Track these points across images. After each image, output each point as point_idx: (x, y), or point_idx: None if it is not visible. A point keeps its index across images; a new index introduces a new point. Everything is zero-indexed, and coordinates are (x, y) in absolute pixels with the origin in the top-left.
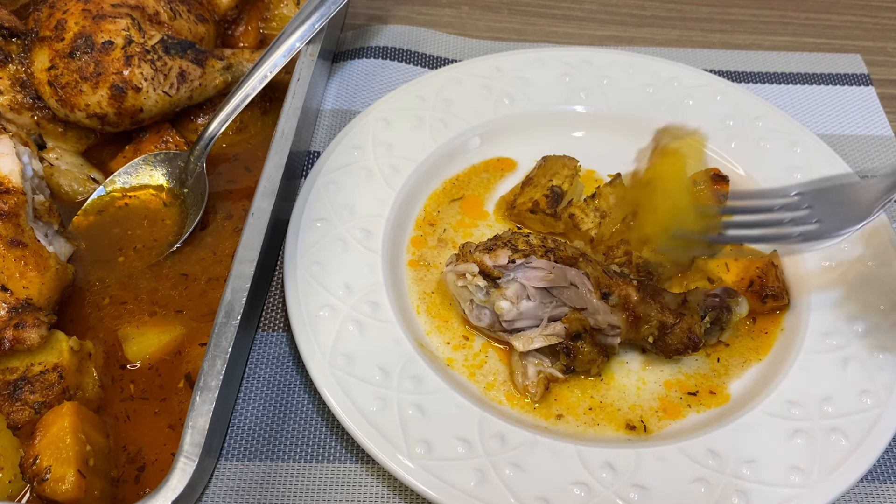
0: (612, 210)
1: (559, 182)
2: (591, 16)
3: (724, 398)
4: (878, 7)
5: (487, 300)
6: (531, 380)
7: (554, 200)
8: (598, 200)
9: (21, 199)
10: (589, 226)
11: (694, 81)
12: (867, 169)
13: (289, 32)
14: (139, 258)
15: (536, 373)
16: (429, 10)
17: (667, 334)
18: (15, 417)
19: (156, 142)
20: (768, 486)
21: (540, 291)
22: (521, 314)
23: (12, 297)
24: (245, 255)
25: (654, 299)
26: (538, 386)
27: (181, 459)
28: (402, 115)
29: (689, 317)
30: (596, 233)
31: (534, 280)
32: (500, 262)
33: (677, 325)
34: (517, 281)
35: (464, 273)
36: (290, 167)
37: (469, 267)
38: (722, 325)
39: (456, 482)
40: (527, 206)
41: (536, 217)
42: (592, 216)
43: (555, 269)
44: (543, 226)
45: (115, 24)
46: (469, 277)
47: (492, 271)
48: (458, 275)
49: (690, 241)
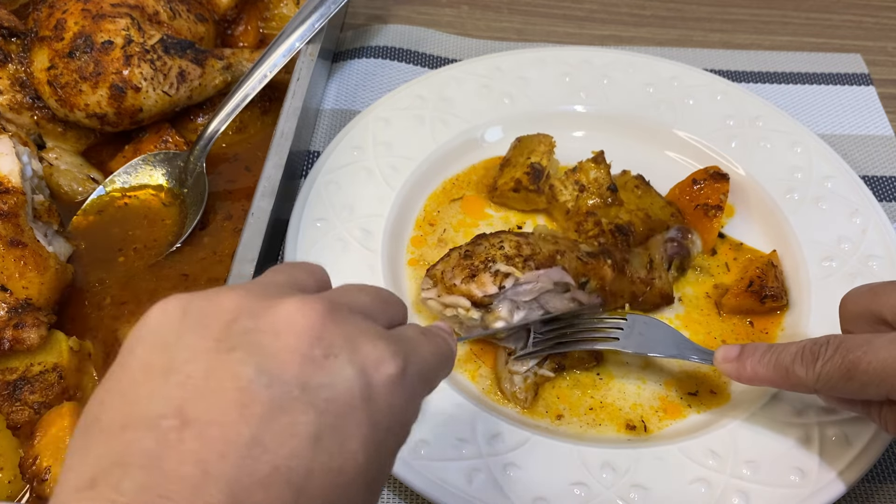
0: (591, 184)
1: (537, 159)
2: (592, 15)
3: (725, 398)
4: (878, 7)
5: (480, 324)
6: (518, 385)
7: (535, 177)
8: (578, 174)
9: (20, 199)
10: (567, 198)
11: (694, 81)
12: (867, 169)
13: (288, 32)
14: (139, 258)
15: (523, 378)
16: (429, 10)
17: (640, 300)
18: (14, 418)
19: (155, 141)
20: (768, 486)
21: (528, 302)
22: (513, 325)
23: (12, 297)
24: (245, 255)
25: (624, 272)
26: (527, 391)
27: None
28: (401, 115)
29: (657, 279)
30: (573, 205)
31: (523, 295)
32: (490, 291)
33: (648, 293)
34: (507, 299)
35: (453, 306)
36: (290, 167)
37: (459, 301)
38: (684, 268)
39: (456, 482)
40: (509, 185)
41: (519, 195)
42: (571, 188)
43: (540, 277)
44: (526, 203)
45: (114, 23)
46: (462, 312)
47: (483, 301)
48: (446, 306)
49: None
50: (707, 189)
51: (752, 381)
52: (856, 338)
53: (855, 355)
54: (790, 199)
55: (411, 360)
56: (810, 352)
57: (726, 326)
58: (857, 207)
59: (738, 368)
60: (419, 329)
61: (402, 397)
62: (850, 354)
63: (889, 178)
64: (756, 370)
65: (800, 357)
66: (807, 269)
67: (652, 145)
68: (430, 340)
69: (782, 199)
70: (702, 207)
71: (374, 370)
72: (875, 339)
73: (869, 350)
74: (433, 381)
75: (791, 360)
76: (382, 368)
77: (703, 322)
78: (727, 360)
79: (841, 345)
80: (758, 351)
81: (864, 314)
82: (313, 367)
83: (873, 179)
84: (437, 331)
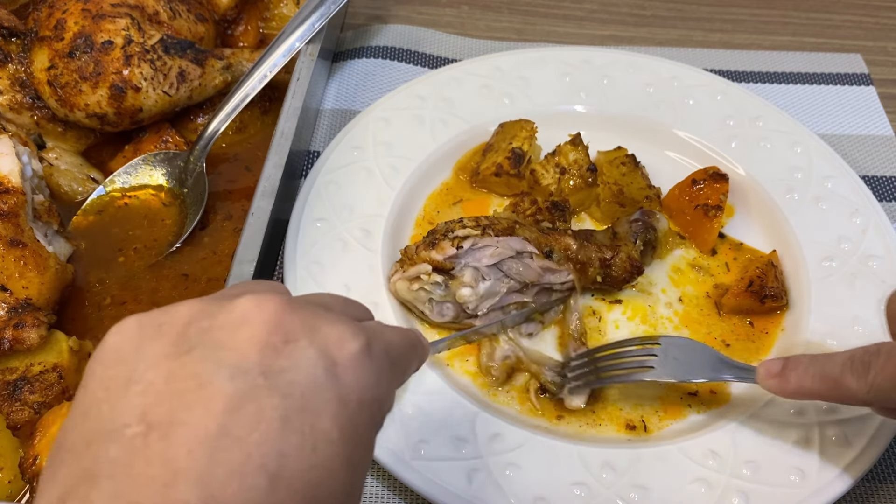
0: (571, 166)
1: (518, 144)
2: (592, 15)
3: (725, 398)
4: (878, 7)
5: (447, 294)
6: (496, 362)
7: (516, 161)
8: (558, 157)
9: (20, 199)
10: (549, 181)
11: (694, 81)
12: (867, 169)
13: (288, 32)
14: (139, 258)
15: (503, 357)
16: (429, 10)
17: (610, 267)
18: (14, 417)
19: (155, 141)
20: (768, 486)
21: (492, 269)
22: (482, 296)
23: (12, 297)
24: (245, 255)
25: (590, 241)
26: (500, 370)
27: None
28: (401, 115)
29: (623, 246)
30: (555, 188)
31: (484, 259)
32: (449, 253)
33: (617, 257)
34: (469, 266)
35: (417, 275)
36: (290, 167)
37: (422, 268)
38: (653, 245)
39: (456, 482)
40: (491, 170)
41: (501, 180)
42: (553, 171)
43: (499, 242)
44: (508, 188)
45: (114, 23)
46: (425, 278)
47: (444, 264)
48: (411, 279)
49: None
50: (707, 189)
51: (797, 396)
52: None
53: None
54: (790, 199)
55: (376, 339)
56: (861, 362)
57: (726, 326)
58: (857, 207)
59: (782, 384)
60: (383, 323)
61: (370, 372)
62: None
63: (889, 178)
64: (802, 383)
65: (849, 367)
66: (807, 269)
67: (652, 145)
68: (393, 328)
69: (782, 199)
70: (702, 207)
71: (337, 349)
72: None
73: None
74: (402, 365)
75: (840, 371)
76: (346, 346)
77: (703, 322)
78: (770, 375)
79: (893, 353)
80: (801, 363)
81: None
82: (274, 353)
83: (873, 179)
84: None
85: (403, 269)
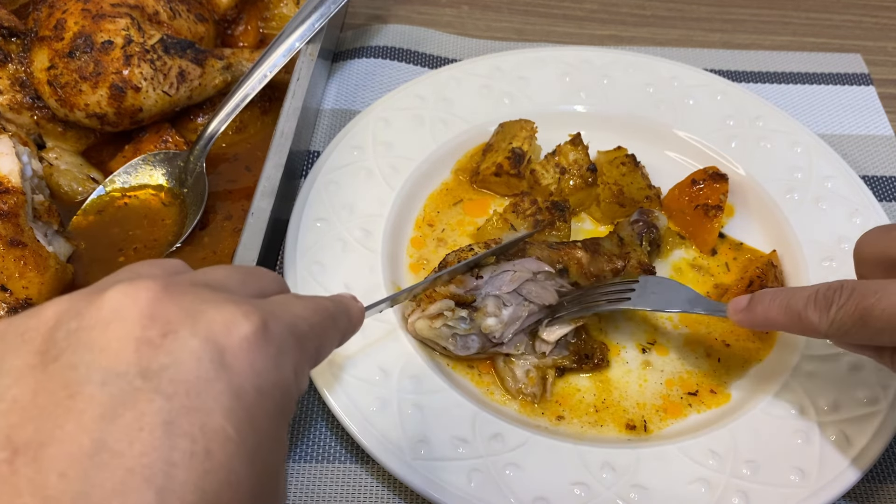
0: (571, 166)
1: (518, 144)
2: (592, 15)
3: (725, 398)
4: (878, 7)
5: (472, 326)
6: (523, 381)
7: (516, 161)
8: (558, 157)
9: (20, 199)
10: (549, 181)
11: (694, 81)
12: (867, 169)
13: (288, 32)
14: (139, 258)
15: (525, 372)
16: (429, 10)
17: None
18: None
19: (155, 141)
20: (768, 486)
21: (512, 294)
22: (506, 323)
23: (12, 297)
24: (245, 255)
25: (599, 252)
26: (535, 385)
27: None
28: (401, 115)
29: (632, 251)
30: (555, 188)
31: (504, 286)
32: (470, 285)
33: (628, 265)
34: (491, 295)
35: (440, 312)
36: (290, 167)
37: (444, 304)
38: (658, 244)
39: (456, 482)
40: (491, 170)
41: (501, 180)
42: (553, 171)
43: (515, 265)
44: (508, 187)
45: (114, 23)
46: (448, 314)
47: (465, 298)
48: (432, 318)
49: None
50: (707, 189)
51: (763, 326)
52: (870, 283)
53: (869, 302)
54: (790, 199)
55: (275, 317)
56: (824, 297)
57: (726, 326)
58: (857, 207)
59: (749, 316)
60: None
61: (267, 356)
62: (864, 301)
63: (889, 178)
64: (767, 315)
65: (813, 302)
66: (807, 269)
67: (652, 145)
68: (305, 300)
69: (782, 199)
70: (702, 207)
71: (225, 335)
72: (890, 285)
73: (883, 296)
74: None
75: (804, 304)
76: (234, 331)
77: (703, 322)
78: (738, 310)
79: (855, 290)
80: (767, 296)
81: (880, 258)
82: (151, 349)
83: (873, 179)
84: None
85: (422, 308)
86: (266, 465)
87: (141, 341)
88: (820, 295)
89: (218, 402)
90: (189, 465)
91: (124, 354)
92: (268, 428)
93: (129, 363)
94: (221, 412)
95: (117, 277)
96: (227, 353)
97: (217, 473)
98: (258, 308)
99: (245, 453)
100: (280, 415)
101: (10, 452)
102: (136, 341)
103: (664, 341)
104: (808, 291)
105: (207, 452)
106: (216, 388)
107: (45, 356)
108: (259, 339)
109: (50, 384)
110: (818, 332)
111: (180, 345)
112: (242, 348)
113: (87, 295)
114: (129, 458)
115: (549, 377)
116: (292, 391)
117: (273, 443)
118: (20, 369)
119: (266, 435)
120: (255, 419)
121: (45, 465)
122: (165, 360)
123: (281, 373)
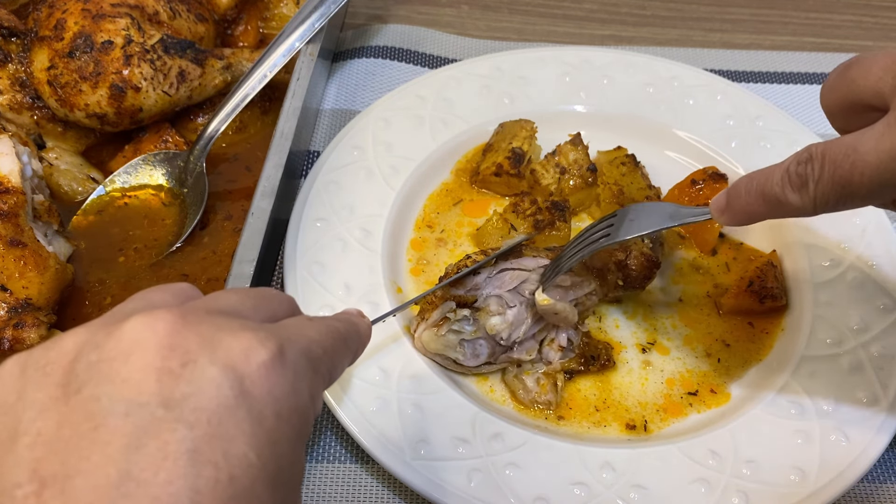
0: (571, 166)
1: (518, 144)
2: (592, 15)
3: (725, 398)
4: (878, 7)
5: (477, 328)
6: (535, 390)
7: (516, 161)
8: (558, 157)
9: (20, 199)
10: (549, 181)
11: (694, 81)
12: None
13: (288, 32)
14: (139, 258)
15: (536, 381)
16: (429, 10)
17: (627, 268)
18: None
19: (155, 141)
20: (768, 486)
21: (514, 295)
22: (512, 323)
23: (12, 297)
24: (245, 254)
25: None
26: (548, 392)
27: None
28: (401, 115)
29: (634, 245)
30: (555, 188)
31: (505, 285)
32: (469, 284)
33: (630, 256)
34: (492, 295)
35: (443, 316)
36: (290, 167)
37: (446, 306)
38: (661, 241)
39: (456, 482)
40: (491, 170)
41: (501, 180)
42: (553, 171)
43: (513, 263)
44: (508, 187)
45: (114, 23)
46: (451, 316)
47: (467, 298)
48: (437, 324)
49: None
50: (706, 189)
51: (750, 221)
52: (838, 146)
53: (844, 169)
54: None
55: (290, 342)
56: (797, 174)
57: (726, 326)
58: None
59: (731, 215)
60: (306, 317)
61: (285, 381)
62: (838, 169)
63: None
64: (748, 209)
65: (788, 183)
66: (807, 269)
67: (652, 145)
68: (317, 322)
69: None
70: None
71: (243, 362)
72: (859, 143)
73: (857, 158)
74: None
75: (780, 187)
76: (252, 357)
77: (703, 321)
78: (720, 211)
79: (825, 158)
80: (740, 189)
81: (844, 105)
82: (172, 379)
83: None
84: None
85: (426, 318)
86: (287, 488)
87: (161, 371)
88: (792, 173)
89: (239, 428)
90: (214, 492)
91: (146, 385)
92: (287, 451)
93: (151, 393)
94: (243, 438)
95: (132, 307)
96: (247, 380)
97: (241, 499)
98: (274, 334)
99: (267, 477)
100: (298, 437)
101: (37, 485)
102: (156, 371)
103: (664, 341)
104: (779, 172)
105: (231, 479)
106: (237, 415)
107: (66, 388)
108: (276, 364)
109: (73, 416)
110: (805, 213)
111: (200, 373)
112: (261, 374)
113: (104, 326)
114: (155, 486)
115: (560, 382)
116: (309, 414)
117: (292, 465)
118: (43, 402)
119: (286, 458)
120: (275, 444)
121: (73, 497)
122: (186, 389)
123: (298, 397)
